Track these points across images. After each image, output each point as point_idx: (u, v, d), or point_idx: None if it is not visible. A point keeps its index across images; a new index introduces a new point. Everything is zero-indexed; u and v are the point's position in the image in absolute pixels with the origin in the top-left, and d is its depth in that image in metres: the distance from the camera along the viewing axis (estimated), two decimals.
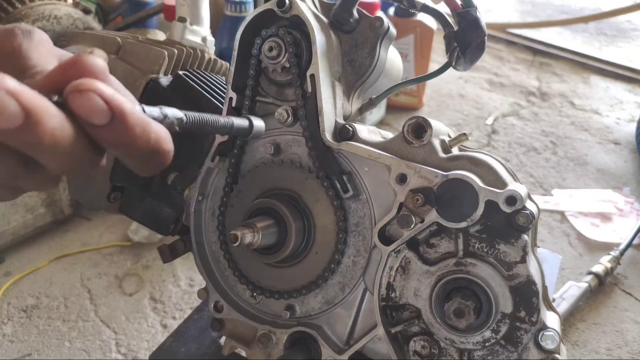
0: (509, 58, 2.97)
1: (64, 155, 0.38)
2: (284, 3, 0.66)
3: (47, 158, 0.38)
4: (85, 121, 0.38)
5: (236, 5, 1.71)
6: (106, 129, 0.38)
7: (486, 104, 2.48)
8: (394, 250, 0.64)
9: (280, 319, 0.74)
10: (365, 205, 0.67)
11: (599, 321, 1.37)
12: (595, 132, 2.29)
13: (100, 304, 1.37)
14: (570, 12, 3.67)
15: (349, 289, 0.69)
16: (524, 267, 0.59)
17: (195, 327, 0.92)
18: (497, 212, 0.58)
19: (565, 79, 2.76)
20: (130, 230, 1.54)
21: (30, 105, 0.35)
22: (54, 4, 1.58)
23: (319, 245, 0.70)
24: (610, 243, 1.60)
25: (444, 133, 0.66)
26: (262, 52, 0.67)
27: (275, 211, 0.67)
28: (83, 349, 1.25)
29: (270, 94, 0.71)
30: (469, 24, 0.68)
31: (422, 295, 0.64)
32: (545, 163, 2.06)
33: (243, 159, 0.74)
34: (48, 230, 1.56)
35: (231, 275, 0.76)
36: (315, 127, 0.66)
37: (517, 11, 3.72)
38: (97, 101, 0.37)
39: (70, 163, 0.40)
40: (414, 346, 0.65)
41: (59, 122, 0.37)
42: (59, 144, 0.37)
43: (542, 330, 0.60)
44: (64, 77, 0.38)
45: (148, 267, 1.47)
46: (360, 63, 0.70)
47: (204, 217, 0.78)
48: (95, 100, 0.37)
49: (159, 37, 1.49)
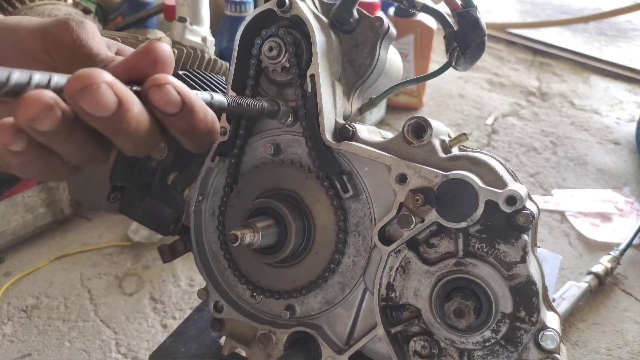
0: (509, 58, 2.97)
1: (140, 138, 0.44)
2: (284, 3, 0.66)
3: (126, 141, 0.44)
4: (160, 111, 0.43)
5: (236, 5, 1.71)
6: (177, 116, 0.44)
7: (486, 104, 2.48)
8: (394, 250, 0.64)
9: (280, 319, 0.74)
10: (365, 205, 0.67)
11: (599, 321, 1.37)
12: (595, 132, 2.29)
13: (100, 304, 1.37)
14: (570, 12, 3.67)
15: (349, 289, 0.69)
16: (524, 267, 0.59)
17: (195, 327, 0.92)
18: (497, 212, 0.58)
19: (565, 79, 2.76)
20: (130, 230, 1.54)
21: (121, 95, 0.40)
22: (54, 4, 1.58)
23: (319, 245, 0.70)
24: (610, 243, 1.60)
25: (444, 133, 0.66)
26: (262, 52, 0.67)
27: (275, 211, 0.67)
28: (83, 349, 1.25)
29: (270, 94, 0.71)
30: (469, 24, 0.68)
31: (422, 295, 0.64)
32: (545, 163, 2.06)
33: (243, 159, 0.74)
34: (48, 230, 1.56)
35: (231, 275, 0.76)
36: (315, 127, 0.66)
37: (517, 11, 3.72)
38: (173, 94, 0.43)
39: (143, 145, 0.45)
40: (414, 346, 0.65)
41: (140, 110, 0.42)
42: (140, 129, 0.43)
43: (542, 330, 0.60)
44: (139, 64, 0.43)
45: (148, 267, 1.47)
46: (360, 63, 0.70)
47: (204, 217, 0.78)
48: (171, 94, 0.43)
49: (159, 37, 1.49)
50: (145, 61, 0.43)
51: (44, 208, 1.51)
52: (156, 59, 0.43)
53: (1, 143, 0.40)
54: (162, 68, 0.44)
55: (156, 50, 0.43)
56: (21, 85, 0.37)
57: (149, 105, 0.43)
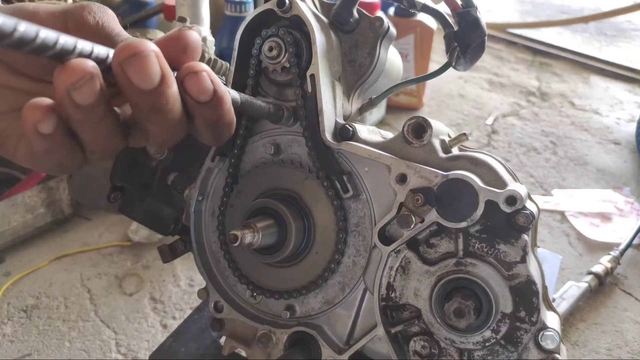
0: (509, 58, 2.97)
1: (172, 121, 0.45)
2: (284, 3, 0.66)
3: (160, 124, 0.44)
4: (193, 98, 0.44)
5: (236, 5, 1.70)
6: (207, 105, 0.45)
7: (486, 104, 2.48)
8: (394, 250, 0.64)
9: (280, 319, 0.74)
10: (365, 205, 0.67)
11: (599, 321, 1.37)
12: (595, 132, 2.29)
13: (100, 304, 1.37)
14: (570, 12, 3.67)
15: (349, 289, 0.69)
16: (524, 267, 0.59)
17: (195, 327, 0.92)
18: (497, 212, 0.58)
19: (565, 79, 2.76)
20: (130, 230, 1.54)
21: (165, 70, 0.41)
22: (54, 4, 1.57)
23: (319, 245, 0.70)
24: (610, 243, 1.60)
25: (444, 133, 0.66)
26: (262, 52, 0.67)
27: (275, 211, 0.67)
28: (83, 349, 1.25)
29: (270, 94, 0.71)
30: (469, 24, 0.68)
31: (422, 295, 0.64)
32: (545, 163, 2.06)
33: (243, 159, 0.74)
34: (48, 230, 1.56)
35: (231, 275, 0.76)
36: (315, 127, 0.66)
37: (517, 11, 3.72)
38: (208, 82, 0.44)
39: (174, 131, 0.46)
40: (414, 346, 0.65)
41: (176, 91, 0.43)
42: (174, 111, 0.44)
43: (542, 330, 0.60)
44: (169, 49, 0.43)
45: (148, 267, 1.47)
46: (360, 63, 0.70)
47: (204, 217, 0.78)
48: (206, 82, 0.44)
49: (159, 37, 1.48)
50: (176, 47, 0.44)
51: (44, 208, 1.51)
52: (186, 45, 0.44)
53: (32, 121, 0.41)
54: (191, 55, 0.45)
55: (187, 37, 0.44)
56: (67, 50, 0.37)
57: (181, 92, 0.44)
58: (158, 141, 0.48)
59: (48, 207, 1.52)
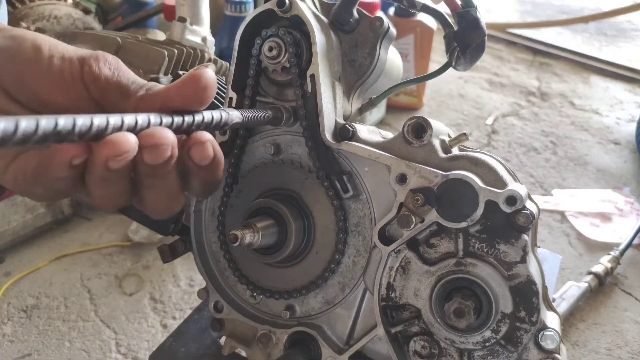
0: (509, 58, 2.97)
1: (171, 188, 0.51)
2: (284, 3, 0.66)
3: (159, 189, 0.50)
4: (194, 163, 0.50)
5: (236, 5, 1.71)
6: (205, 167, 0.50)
7: (486, 104, 2.48)
8: (394, 250, 0.64)
9: (280, 319, 0.74)
10: (365, 205, 0.67)
11: (599, 321, 1.37)
12: (595, 132, 2.29)
13: (100, 304, 1.37)
14: (570, 12, 3.67)
15: (349, 289, 0.69)
16: (524, 267, 0.59)
17: (195, 327, 0.92)
18: (497, 212, 0.58)
19: (565, 79, 2.76)
20: (130, 230, 1.54)
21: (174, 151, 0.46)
22: (54, 4, 1.58)
23: (319, 245, 0.70)
24: (610, 243, 1.60)
25: (444, 133, 0.66)
26: (262, 52, 0.67)
27: (275, 211, 0.67)
28: (83, 349, 1.25)
29: (270, 94, 0.71)
30: (469, 24, 0.68)
31: (422, 295, 0.64)
32: (545, 163, 2.06)
33: (243, 159, 0.74)
34: (48, 230, 1.56)
35: (231, 276, 0.76)
36: (315, 127, 0.66)
37: (517, 11, 3.72)
38: (210, 151, 0.49)
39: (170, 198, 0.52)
40: (414, 346, 0.65)
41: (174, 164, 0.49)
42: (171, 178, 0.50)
43: (542, 330, 0.60)
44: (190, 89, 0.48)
45: (148, 267, 1.47)
46: (360, 63, 0.70)
47: (204, 217, 0.78)
48: (209, 151, 0.49)
49: (159, 37, 1.49)
50: (198, 86, 0.48)
51: (44, 208, 1.51)
52: (206, 85, 0.48)
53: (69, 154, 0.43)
54: (211, 92, 0.49)
55: (206, 77, 0.48)
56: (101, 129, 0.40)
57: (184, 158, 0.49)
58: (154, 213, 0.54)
59: (48, 207, 1.52)
